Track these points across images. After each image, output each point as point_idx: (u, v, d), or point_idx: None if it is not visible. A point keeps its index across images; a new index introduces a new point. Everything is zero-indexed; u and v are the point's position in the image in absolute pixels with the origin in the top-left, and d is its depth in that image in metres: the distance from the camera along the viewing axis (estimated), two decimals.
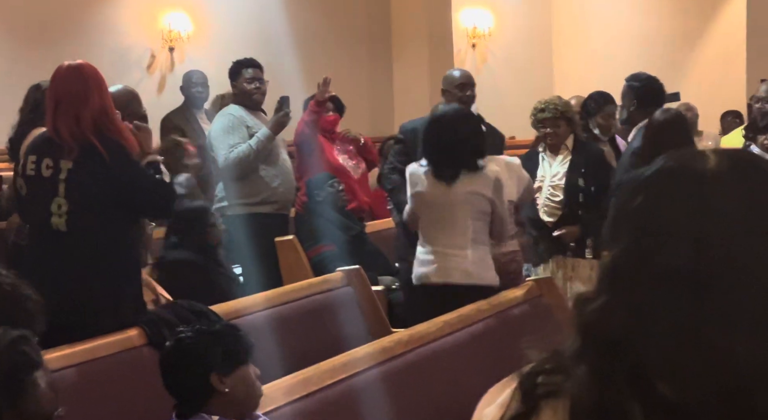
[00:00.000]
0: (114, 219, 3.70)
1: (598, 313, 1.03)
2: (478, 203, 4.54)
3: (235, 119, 5.89)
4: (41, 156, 3.74)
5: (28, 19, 11.26)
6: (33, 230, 3.84)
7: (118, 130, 3.74)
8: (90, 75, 3.76)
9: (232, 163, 5.79)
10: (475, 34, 14.52)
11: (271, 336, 4.12)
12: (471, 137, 4.60)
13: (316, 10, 13.11)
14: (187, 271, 4.93)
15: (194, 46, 12.29)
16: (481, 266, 4.56)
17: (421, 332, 3.87)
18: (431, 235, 4.60)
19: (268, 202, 5.90)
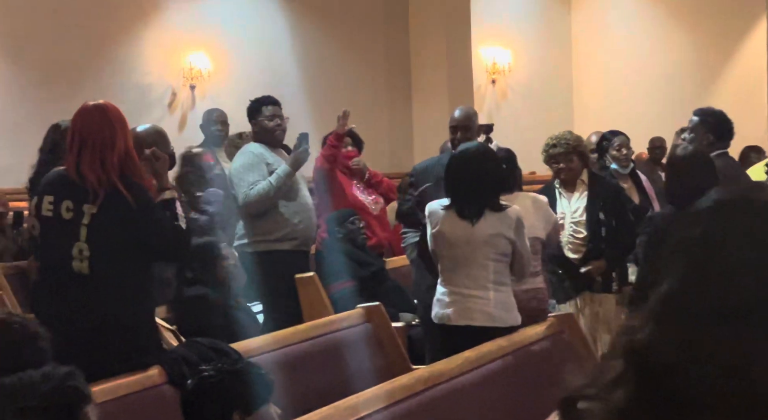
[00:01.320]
0: (134, 261, 3.69)
1: (645, 341, 1.02)
2: (501, 245, 4.51)
3: (255, 157, 5.90)
4: (60, 197, 3.71)
5: (50, 57, 11.38)
6: (50, 272, 3.79)
7: (139, 174, 3.73)
8: (115, 117, 3.74)
9: (251, 200, 5.80)
10: (494, 70, 14.56)
11: (291, 374, 4.10)
12: (493, 175, 4.57)
13: (335, 47, 13.20)
14: (203, 307, 4.93)
15: (214, 84, 12.38)
16: (503, 308, 4.52)
17: (442, 369, 3.85)
18: (452, 275, 4.57)
19: (288, 239, 5.90)
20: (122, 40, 11.88)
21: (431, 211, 4.64)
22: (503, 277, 4.56)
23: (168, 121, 11.93)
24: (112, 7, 11.76)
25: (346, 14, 13.28)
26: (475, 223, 4.49)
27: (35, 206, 3.78)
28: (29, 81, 11.31)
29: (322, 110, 11.74)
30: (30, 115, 10.46)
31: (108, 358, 3.57)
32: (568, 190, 5.79)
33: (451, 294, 4.54)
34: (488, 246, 4.49)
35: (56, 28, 11.40)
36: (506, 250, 4.53)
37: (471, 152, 4.67)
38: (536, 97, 14.95)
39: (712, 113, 5.64)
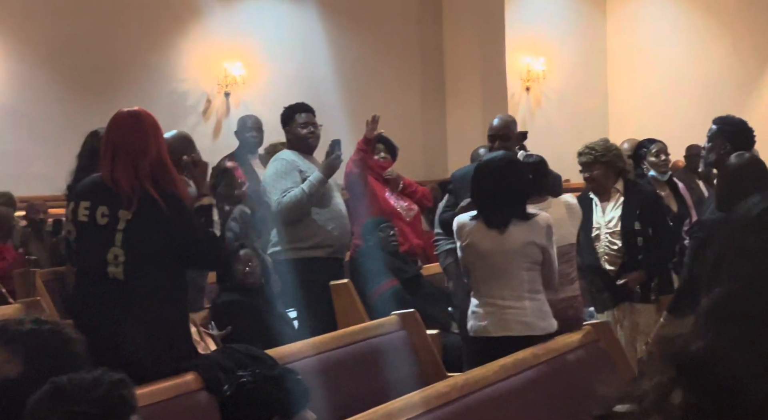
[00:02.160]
0: (169, 267, 3.71)
1: (707, 351, 1.01)
2: (533, 253, 4.50)
3: (288, 164, 5.92)
4: (96, 203, 3.73)
5: (87, 65, 11.49)
6: (86, 277, 3.82)
7: (173, 180, 3.74)
8: (148, 123, 3.76)
9: (284, 207, 5.81)
10: (529, 77, 14.53)
11: (326, 380, 4.10)
12: (518, 184, 4.56)
13: (369, 55, 13.22)
14: (237, 312, 4.95)
15: (249, 91, 12.44)
16: (539, 316, 4.51)
17: (477, 377, 3.84)
18: (485, 286, 4.55)
19: (321, 246, 5.90)
20: (159, 48, 11.98)
21: (461, 223, 4.62)
22: (537, 285, 4.55)
23: (202, 128, 12.01)
24: (150, 15, 11.87)
25: (381, 22, 13.31)
26: (504, 232, 4.48)
27: (72, 211, 3.80)
28: (68, 89, 11.43)
29: (356, 117, 11.76)
30: (68, 123, 10.57)
31: (143, 363, 3.58)
32: (602, 200, 5.76)
33: (487, 305, 4.53)
34: (521, 255, 4.48)
35: (95, 37, 11.52)
36: (538, 259, 4.53)
37: (495, 162, 4.67)
38: (571, 105, 14.90)
39: (731, 122, 5.56)
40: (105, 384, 2.20)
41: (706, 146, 5.48)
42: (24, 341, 2.54)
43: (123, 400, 2.23)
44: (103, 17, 11.58)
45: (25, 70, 11.40)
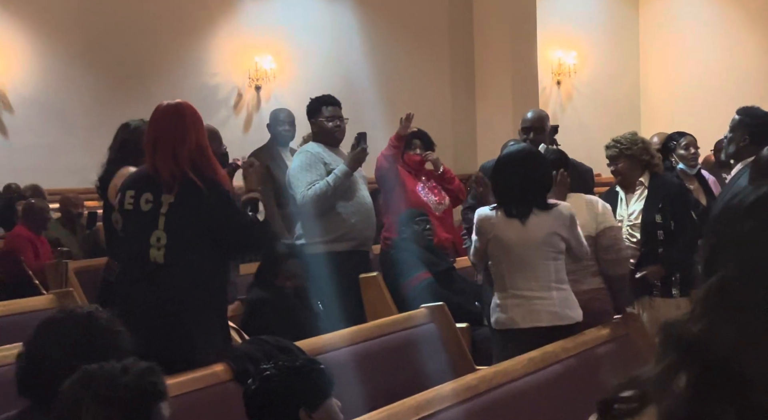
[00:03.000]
0: (209, 255, 3.76)
1: (704, 333, 1.08)
2: (556, 243, 4.51)
3: (313, 156, 5.92)
4: (140, 191, 3.83)
5: (119, 59, 11.57)
6: (129, 263, 3.90)
7: (213, 168, 3.82)
8: (187, 113, 3.84)
9: (309, 200, 5.82)
10: (560, 71, 14.47)
11: (355, 372, 4.12)
12: (539, 175, 4.57)
13: (399, 48, 13.21)
14: (266, 310, 4.97)
15: (279, 85, 12.48)
16: (567, 305, 4.52)
17: (506, 370, 3.84)
18: (511, 278, 4.54)
19: (345, 239, 5.90)
20: (191, 42, 12.04)
21: (483, 216, 4.61)
22: (563, 275, 4.56)
23: (233, 121, 12.07)
24: (181, 10, 11.93)
25: (411, 15, 13.30)
26: (525, 223, 4.49)
27: (119, 201, 3.91)
28: (101, 83, 11.52)
29: (386, 111, 11.77)
30: (102, 117, 10.64)
31: (177, 349, 3.62)
32: (628, 193, 5.74)
33: (513, 297, 4.52)
34: (545, 246, 4.50)
35: (127, 31, 11.59)
36: (562, 248, 4.54)
37: (515, 154, 4.68)
38: (602, 99, 14.83)
39: (753, 114, 5.46)
40: (134, 371, 2.23)
41: (727, 136, 5.44)
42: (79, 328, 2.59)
43: (153, 387, 2.26)
44: (136, 11, 11.65)
45: (58, 64, 11.50)
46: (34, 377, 2.57)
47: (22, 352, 2.65)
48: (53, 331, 2.62)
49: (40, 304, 5.06)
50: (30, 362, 2.60)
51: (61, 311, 2.70)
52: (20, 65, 11.46)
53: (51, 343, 2.59)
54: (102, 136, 5.48)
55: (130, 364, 2.28)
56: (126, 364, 2.27)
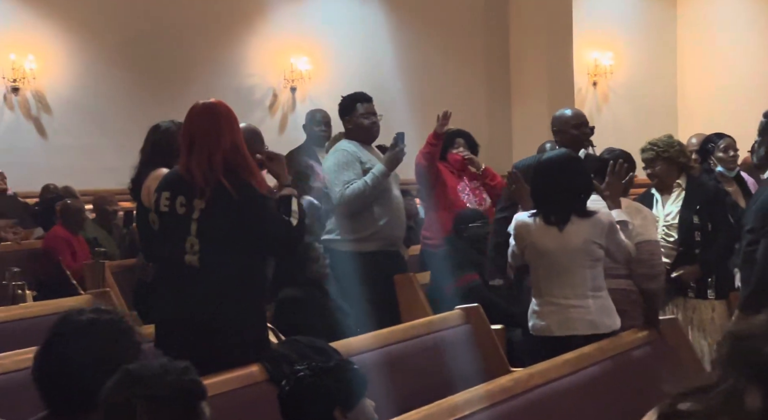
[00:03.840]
0: (243, 256, 3.75)
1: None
2: (594, 251, 4.44)
3: (349, 155, 5.89)
4: (175, 193, 3.81)
5: (155, 60, 11.65)
6: (164, 265, 3.90)
7: (248, 170, 3.78)
8: (222, 114, 3.81)
9: (346, 199, 5.80)
10: (596, 72, 14.38)
11: (390, 374, 4.11)
12: (579, 182, 4.51)
13: (434, 49, 13.20)
14: (297, 308, 4.97)
15: (315, 86, 12.50)
16: (604, 313, 4.44)
17: (541, 372, 3.82)
18: (547, 285, 4.50)
19: (374, 239, 5.88)
20: (226, 43, 12.10)
21: (520, 222, 4.57)
22: (600, 282, 4.49)
23: (269, 122, 12.11)
24: (217, 11, 11.99)
25: (446, 16, 13.28)
26: (563, 229, 4.43)
27: (155, 202, 3.90)
28: (137, 84, 11.60)
29: (421, 112, 11.75)
30: (138, 118, 10.70)
31: (215, 351, 3.63)
32: (664, 195, 5.71)
33: (549, 304, 4.47)
34: (582, 253, 4.42)
35: (164, 32, 11.67)
36: (600, 255, 4.46)
37: (555, 159, 4.62)
38: (639, 100, 14.72)
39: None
40: (175, 370, 2.23)
41: (757, 140, 5.38)
42: (84, 331, 2.58)
43: (195, 385, 2.26)
44: (172, 13, 11.73)
45: (95, 66, 11.60)
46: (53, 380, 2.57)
47: (40, 357, 2.63)
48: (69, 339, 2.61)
49: (77, 304, 5.08)
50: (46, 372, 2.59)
51: (66, 320, 2.67)
52: (58, 67, 11.58)
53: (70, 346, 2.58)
54: (138, 137, 5.49)
55: (168, 363, 2.28)
56: (163, 363, 2.28)
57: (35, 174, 10.75)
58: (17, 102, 11.40)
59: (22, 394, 3.44)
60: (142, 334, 2.73)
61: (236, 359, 3.69)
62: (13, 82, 11.33)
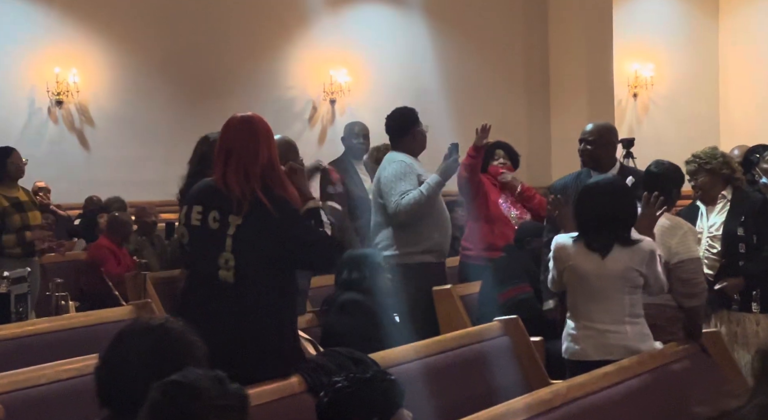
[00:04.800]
0: (279, 272, 3.74)
1: None
2: (633, 278, 4.40)
3: (407, 166, 5.94)
4: (208, 207, 3.78)
5: (196, 72, 11.75)
6: (198, 279, 3.87)
7: (283, 185, 3.77)
8: (260, 128, 3.80)
9: (402, 210, 5.83)
10: (636, 83, 14.31)
11: (428, 385, 4.11)
12: (624, 210, 4.48)
13: (473, 61, 13.20)
14: (357, 310, 4.95)
15: (354, 98, 12.54)
16: (640, 339, 4.40)
17: (581, 384, 3.80)
18: (584, 309, 4.47)
19: (430, 251, 5.93)
20: (267, 55, 12.19)
21: (560, 245, 4.54)
22: (638, 309, 4.45)
23: (308, 134, 12.17)
24: (257, 23, 12.08)
25: (485, 28, 13.28)
26: (605, 256, 4.40)
27: (185, 215, 3.85)
28: (178, 96, 11.72)
29: (460, 124, 11.75)
30: (178, 129, 10.83)
31: (250, 365, 3.63)
32: (708, 207, 5.67)
33: (585, 328, 4.44)
34: (622, 280, 4.38)
35: (205, 45, 11.78)
36: (639, 283, 4.42)
37: (602, 186, 4.58)
38: (680, 112, 14.62)
39: None
40: (224, 379, 2.24)
41: None
42: (150, 340, 2.62)
43: (244, 394, 2.28)
44: (213, 26, 11.84)
45: (138, 79, 11.72)
46: (113, 387, 2.60)
47: (100, 363, 2.68)
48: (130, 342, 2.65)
49: (119, 314, 5.14)
50: (108, 372, 2.63)
51: (137, 322, 2.72)
52: (101, 80, 11.72)
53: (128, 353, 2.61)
54: (180, 149, 5.56)
55: (212, 373, 2.29)
56: (208, 373, 2.29)
57: (78, 186, 10.89)
58: (61, 115, 11.56)
59: (65, 403, 3.49)
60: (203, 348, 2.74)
61: (271, 372, 3.70)
62: (57, 96, 11.48)
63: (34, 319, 5.99)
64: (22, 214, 7.11)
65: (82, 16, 11.60)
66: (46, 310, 6.28)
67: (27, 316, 6.06)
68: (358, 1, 12.85)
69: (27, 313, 6.14)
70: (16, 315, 5.86)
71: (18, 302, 5.98)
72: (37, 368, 3.74)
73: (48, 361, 3.85)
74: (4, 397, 3.33)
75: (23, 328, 4.79)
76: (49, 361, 3.86)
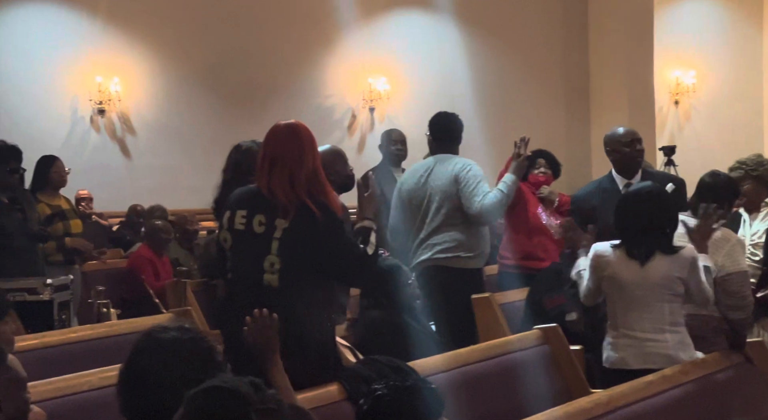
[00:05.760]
0: (321, 277, 3.76)
1: None
2: (674, 286, 4.37)
3: (480, 169, 5.97)
4: (252, 211, 3.80)
5: (237, 81, 11.82)
6: (240, 285, 3.89)
7: (325, 192, 3.80)
8: (304, 135, 3.83)
9: (486, 209, 5.81)
10: (678, 90, 14.19)
11: (466, 394, 4.10)
12: (665, 218, 4.44)
13: (512, 69, 13.17)
14: (384, 330, 4.96)
15: (393, 106, 12.55)
16: (681, 348, 4.37)
17: (622, 393, 3.77)
18: (624, 318, 4.45)
19: (481, 256, 5.95)
20: (306, 64, 12.23)
21: (599, 253, 4.52)
22: (679, 317, 4.42)
23: (347, 142, 12.20)
24: (297, 33, 12.13)
25: (524, 35, 13.24)
26: (645, 264, 4.37)
27: (228, 219, 3.87)
28: (219, 105, 11.79)
29: (498, 131, 11.73)
30: (221, 139, 10.87)
31: (290, 372, 3.64)
32: (752, 214, 5.62)
33: (625, 337, 4.42)
34: (662, 288, 4.35)
35: (245, 54, 11.84)
36: (680, 291, 4.38)
37: (644, 193, 4.54)
38: (722, 118, 14.47)
39: None
40: (260, 384, 2.24)
41: None
42: (166, 348, 2.62)
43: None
44: (253, 35, 11.90)
45: (179, 88, 11.82)
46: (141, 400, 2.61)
47: (123, 377, 2.68)
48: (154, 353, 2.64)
49: (159, 322, 5.17)
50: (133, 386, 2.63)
51: (153, 332, 2.70)
52: (143, 89, 11.83)
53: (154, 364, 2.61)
54: (220, 157, 5.58)
55: (249, 378, 2.29)
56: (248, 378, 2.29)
57: (120, 194, 10.99)
58: (103, 124, 11.68)
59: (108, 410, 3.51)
60: (222, 355, 2.76)
61: (311, 379, 3.70)
62: (99, 104, 11.60)
63: (76, 326, 6.05)
64: (65, 222, 7.19)
65: (124, 25, 11.72)
66: (88, 317, 6.34)
67: (70, 324, 6.12)
68: (397, 9, 12.86)
69: (70, 320, 6.21)
70: (59, 322, 5.92)
71: (61, 310, 6.04)
72: (80, 375, 3.77)
73: (91, 368, 3.88)
74: (48, 404, 3.35)
75: (66, 335, 4.83)
76: (92, 367, 3.89)
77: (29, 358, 3.97)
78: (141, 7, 11.70)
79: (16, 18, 11.38)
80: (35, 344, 4.43)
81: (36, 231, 6.77)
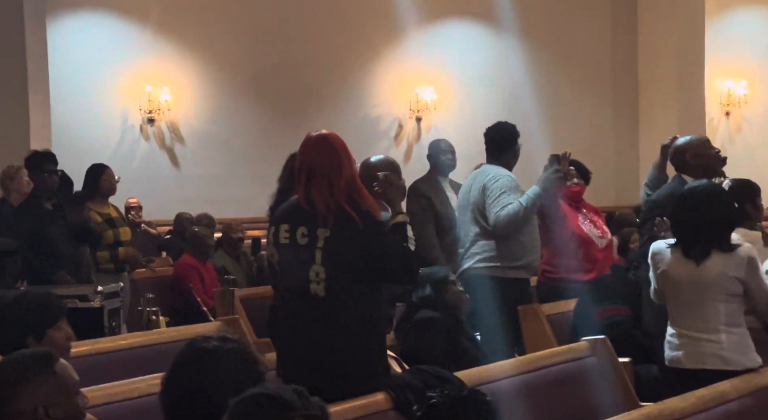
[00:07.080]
0: (367, 284, 3.78)
1: None
2: (729, 285, 4.31)
3: (513, 181, 5.96)
4: (295, 225, 3.83)
5: (285, 91, 11.89)
6: (289, 296, 3.92)
7: (365, 198, 3.82)
8: (338, 145, 3.86)
9: (501, 221, 5.81)
10: (729, 101, 14.03)
11: (514, 405, 4.07)
12: (722, 215, 4.40)
13: (560, 79, 13.11)
14: (434, 329, 4.93)
15: (439, 116, 12.55)
16: (737, 350, 4.31)
17: (672, 407, 3.72)
18: (679, 316, 4.42)
19: (526, 267, 5.94)
20: (354, 74, 12.27)
21: (656, 250, 4.50)
22: (736, 318, 4.35)
23: (394, 152, 12.20)
24: (344, 43, 12.18)
25: (574, 46, 13.18)
26: (701, 263, 4.32)
27: (273, 235, 3.91)
28: (266, 114, 11.87)
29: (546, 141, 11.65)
30: (268, 148, 10.95)
31: (338, 381, 3.65)
32: None
33: (681, 336, 4.39)
34: (716, 286, 4.30)
35: (292, 64, 11.92)
36: (737, 291, 4.32)
37: (700, 191, 4.50)
38: None
39: None
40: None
41: None
42: (209, 358, 2.64)
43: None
44: (301, 45, 11.97)
45: (227, 98, 11.92)
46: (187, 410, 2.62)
47: (168, 386, 2.69)
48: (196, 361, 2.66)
49: (208, 330, 5.19)
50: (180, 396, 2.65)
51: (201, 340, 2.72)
52: (191, 99, 11.94)
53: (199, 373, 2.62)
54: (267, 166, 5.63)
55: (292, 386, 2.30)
56: (291, 386, 2.30)
57: (168, 203, 11.09)
58: (153, 133, 11.80)
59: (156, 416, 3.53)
60: (265, 364, 2.77)
61: (358, 388, 3.71)
62: (149, 114, 11.73)
63: (125, 333, 6.10)
64: (114, 230, 7.27)
65: (174, 35, 11.84)
66: (137, 324, 6.39)
67: (119, 331, 6.18)
68: (445, 19, 12.87)
69: (120, 327, 6.26)
70: (109, 329, 5.97)
71: (111, 317, 6.09)
72: (130, 382, 3.80)
73: (140, 375, 3.91)
74: (99, 410, 3.38)
75: (116, 342, 4.88)
76: (142, 374, 3.92)
77: (79, 364, 4.01)
78: (191, 18, 11.82)
79: (68, 28, 11.54)
80: (86, 350, 4.48)
81: (79, 223, 6.78)
